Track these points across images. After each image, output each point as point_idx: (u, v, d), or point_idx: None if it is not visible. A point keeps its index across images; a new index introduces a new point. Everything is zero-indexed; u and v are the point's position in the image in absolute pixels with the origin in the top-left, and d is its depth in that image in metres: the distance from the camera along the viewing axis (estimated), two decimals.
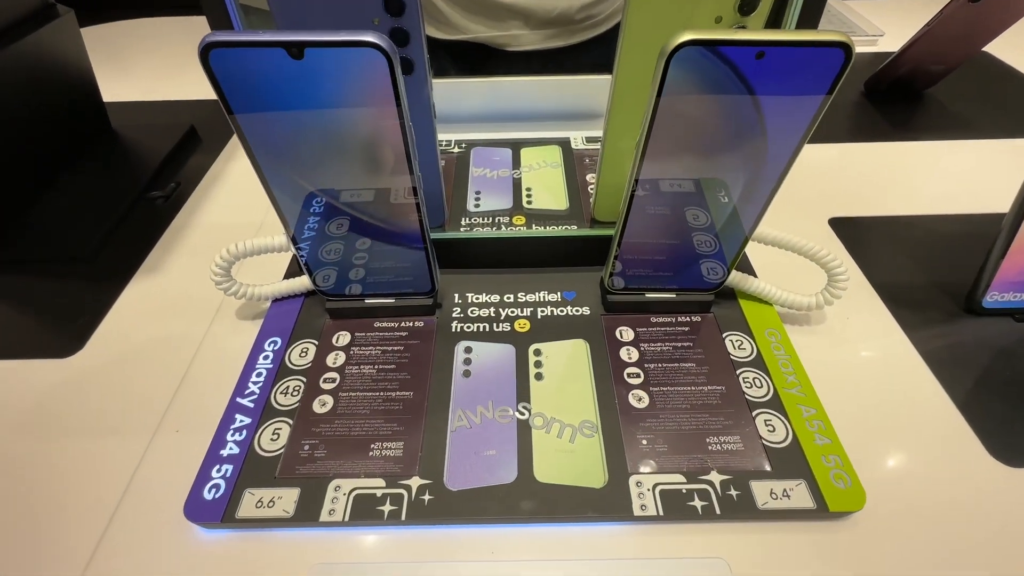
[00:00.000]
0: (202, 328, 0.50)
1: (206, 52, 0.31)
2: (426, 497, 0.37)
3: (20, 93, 0.62)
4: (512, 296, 0.51)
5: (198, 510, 0.36)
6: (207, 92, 0.33)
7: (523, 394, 0.43)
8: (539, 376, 0.44)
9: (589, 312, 0.49)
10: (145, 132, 0.76)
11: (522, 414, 0.42)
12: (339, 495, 0.37)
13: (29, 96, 0.63)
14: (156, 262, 0.58)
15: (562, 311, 0.49)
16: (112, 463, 0.40)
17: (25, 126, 0.63)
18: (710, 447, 0.39)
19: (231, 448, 0.40)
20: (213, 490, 0.37)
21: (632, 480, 0.37)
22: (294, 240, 0.43)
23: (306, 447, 0.40)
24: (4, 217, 0.60)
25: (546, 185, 0.63)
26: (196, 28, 1.11)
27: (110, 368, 0.47)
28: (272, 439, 0.40)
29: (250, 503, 0.37)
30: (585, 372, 0.44)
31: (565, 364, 0.45)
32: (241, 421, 0.41)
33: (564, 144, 0.69)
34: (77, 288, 0.55)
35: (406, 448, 0.40)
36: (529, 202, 0.61)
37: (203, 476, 0.38)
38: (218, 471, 0.38)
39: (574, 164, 0.66)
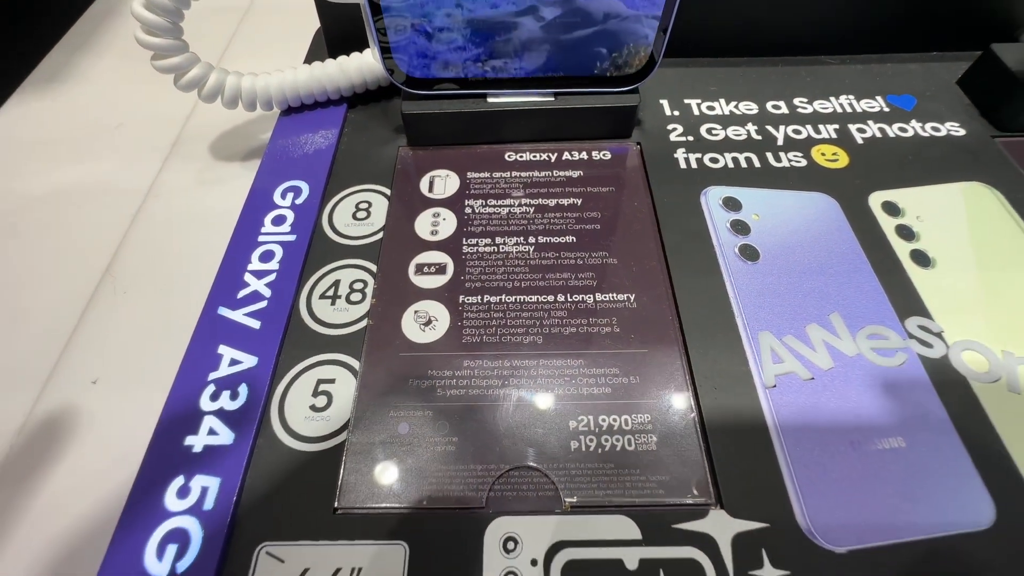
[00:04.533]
0: (145, 176, 0.25)
1: None
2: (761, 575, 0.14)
3: None
4: (783, 105, 0.25)
5: None
6: None
7: (906, 298, 0.18)
8: (921, 258, 0.20)
9: (963, 132, 0.24)
10: None
11: (927, 344, 0.18)
12: (519, 559, 0.14)
13: None
14: (56, 69, 0.31)
15: (903, 130, 0.24)
16: None
17: None
18: None
19: (211, 432, 0.16)
20: (171, 543, 0.14)
21: None
22: None
23: (403, 427, 0.16)
24: None
25: None
26: None
27: None
28: (316, 408, 0.16)
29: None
30: (1022, 244, 0.20)
31: (967, 233, 0.20)
32: (234, 364, 0.17)
33: None
34: None
35: (663, 429, 0.15)
36: None
37: (137, 513, 0.14)
38: (180, 495, 0.15)
39: None
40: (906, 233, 0.20)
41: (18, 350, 0.20)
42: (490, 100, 0.22)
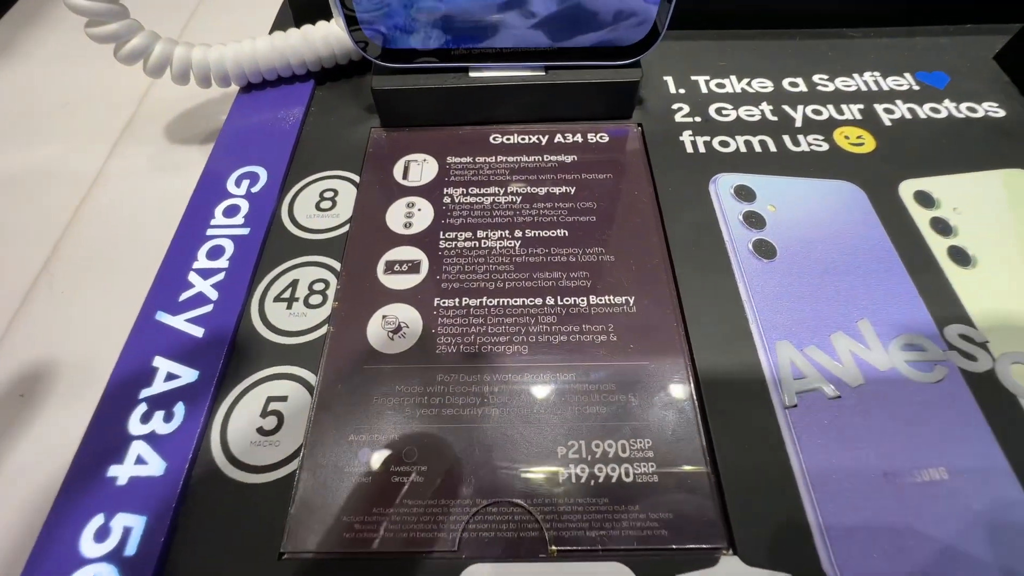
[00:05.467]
0: (93, 161, 0.22)
1: None
2: None
3: None
4: (801, 82, 0.22)
5: None
6: None
7: (944, 302, 0.16)
8: (960, 256, 0.17)
9: (1003, 114, 0.21)
10: None
11: (970, 357, 0.15)
12: None
13: None
14: (2, 44, 0.29)
15: (935, 111, 0.21)
16: None
17: None
18: None
19: (139, 461, 0.14)
20: None
21: None
22: None
23: (364, 454, 0.14)
24: None
25: None
26: None
27: None
28: (263, 431, 0.14)
29: None
30: None
31: (1013, 228, 0.18)
32: (170, 379, 0.15)
33: None
34: None
35: (666, 458, 0.13)
36: None
37: (46, 553, 0.12)
38: (98, 538, 0.13)
39: None
40: (942, 227, 0.17)
41: None
42: (472, 75, 0.19)
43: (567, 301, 0.16)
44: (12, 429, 0.16)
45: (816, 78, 0.22)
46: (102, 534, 0.12)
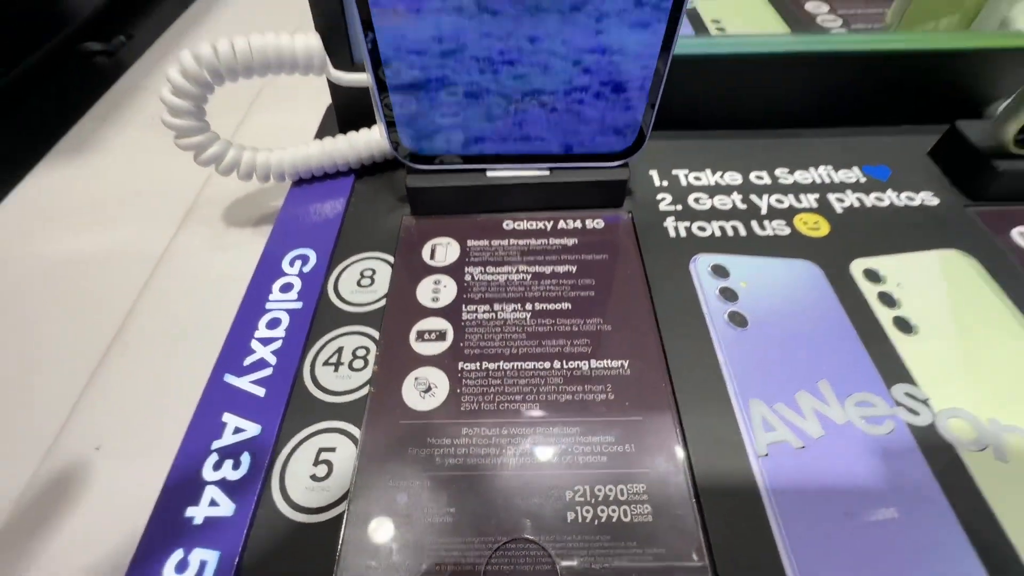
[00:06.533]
0: (160, 242, 0.26)
1: None
2: None
3: None
4: (766, 175, 0.26)
5: None
6: None
7: (891, 365, 0.19)
8: (904, 325, 0.20)
9: (937, 202, 0.25)
10: None
11: (914, 412, 0.18)
12: None
13: None
14: (83, 139, 0.33)
15: (879, 200, 0.25)
16: None
17: None
18: None
19: (212, 503, 0.16)
20: None
21: None
22: (372, 44, 0.18)
23: (402, 497, 0.16)
24: None
25: (743, 15, 0.38)
26: None
27: None
28: (316, 478, 0.17)
29: None
30: (1002, 316, 0.20)
31: (947, 300, 0.21)
32: (238, 432, 0.18)
33: None
34: None
35: (658, 500, 0.16)
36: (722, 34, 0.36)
37: (140, 569, 0.15)
38: (179, 570, 0.15)
39: None
40: (888, 300, 0.21)
41: (26, 413, 0.20)
42: (489, 174, 0.23)
43: (571, 365, 0.19)
44: (92, 476, 0.18)
45: (778, 171, 0.26)
46: (182, 566, 0.14)
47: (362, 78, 0.22)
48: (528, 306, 0.21)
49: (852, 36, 0.31)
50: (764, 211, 0.24)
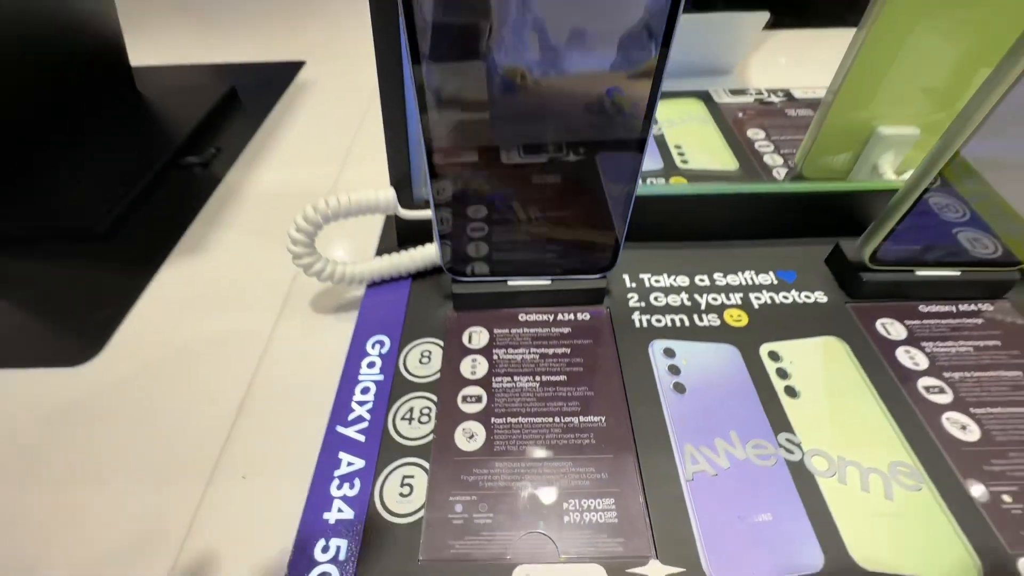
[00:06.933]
0: (266, 325, 0.36)
1: None
2: None
3: (27, 40, 0.48)
4: (706, 278, 0.36)
5: None
6: (247, 54, 0.20)
7: (779, 420, 0.28)
8: (791, 391, 0.29)
9: (826, 299, 0.34)
10: (177, 94, 0.62)
11: (790, 452, 0.27)
12: None
13: (39, 43, 0.50)
14: (196, 240, 0.43)
15: (786, 298, 0.35)
16: (141, 530, 0.26)
17: (30, 77, 0.49)
18: None
19: (339, 510, 0.25)
20: None
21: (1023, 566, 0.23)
22: (437, 197, 0.28)
23: (458, 507, 0.25)
24: None
25: (699, 142, 0.49)
26: None
27: (136, 383, 0.32)
28: (402, 494, 0.26)
29: None
30: (859, 385, 0.30)
31: (823, 374, 0.30)
32: (350, 465, 0.27)
33: (704, 97, 0.55)
34: (92, 275, 0.40)
35: (622, 508, 0.25)
36: (684, 161, 0.47)
37: (299, 561, 0.23)
38: (324, 551, 0.24)
39: (724, 119, 0.52)
40: (782, 373, 0.30)
41: (185, 452, 0.29)
42: (509, 283, 0.33)
43: (566, 420, 0.28)
44: (243, 497, 0.27)
45: (715, 275, 0.36)
46: (326, 549, 0.23)
47: (423, 214, 0.33)
48: (537, 378, 0.30)
49: (771, 184, 0.43)
50: (703, 307, 0.34)
